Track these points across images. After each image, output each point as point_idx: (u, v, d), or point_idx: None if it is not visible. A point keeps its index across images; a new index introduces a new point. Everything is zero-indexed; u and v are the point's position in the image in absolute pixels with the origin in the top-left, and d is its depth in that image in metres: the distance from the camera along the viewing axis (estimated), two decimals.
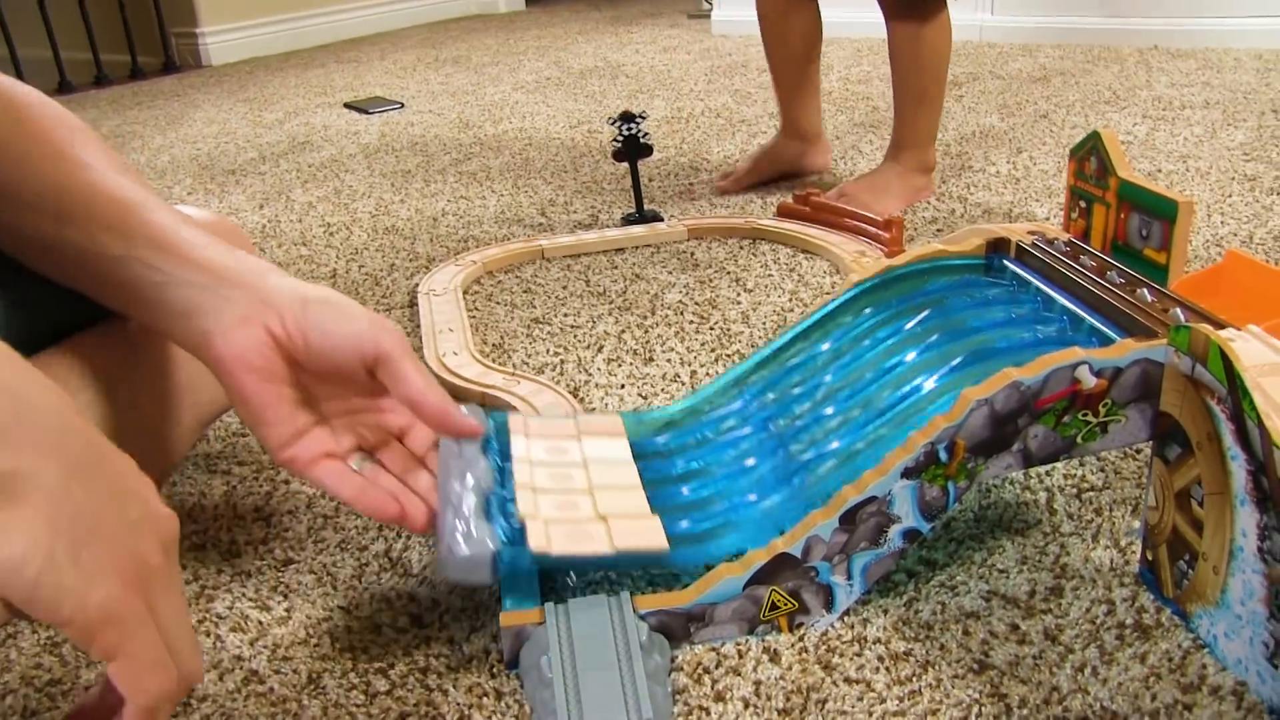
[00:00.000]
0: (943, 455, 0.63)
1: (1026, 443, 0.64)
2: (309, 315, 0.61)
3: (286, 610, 0.72)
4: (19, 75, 1.84)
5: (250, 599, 0.73)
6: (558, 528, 0.65)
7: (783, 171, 1.69)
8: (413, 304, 1.26)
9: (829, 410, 0.76)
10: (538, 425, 0.77)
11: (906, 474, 0.63)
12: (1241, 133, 1.77)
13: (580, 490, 0.70)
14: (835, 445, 0.74)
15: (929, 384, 0.73)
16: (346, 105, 2.60)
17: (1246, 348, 0.60)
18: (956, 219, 1.44)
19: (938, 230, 1.40)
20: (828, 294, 0.83)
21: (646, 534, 0.66)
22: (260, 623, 0.71)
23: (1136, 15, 2.67)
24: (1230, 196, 1.46)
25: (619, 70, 2.82)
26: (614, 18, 3.95)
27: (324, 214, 1.69)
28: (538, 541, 0.63)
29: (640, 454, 0.79)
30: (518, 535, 0.65)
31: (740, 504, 0.73)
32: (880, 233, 1.28)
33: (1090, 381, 0.63)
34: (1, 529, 0.37)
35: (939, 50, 1.47)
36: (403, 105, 2.54)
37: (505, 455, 0.74)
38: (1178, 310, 0.67)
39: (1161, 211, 0.74)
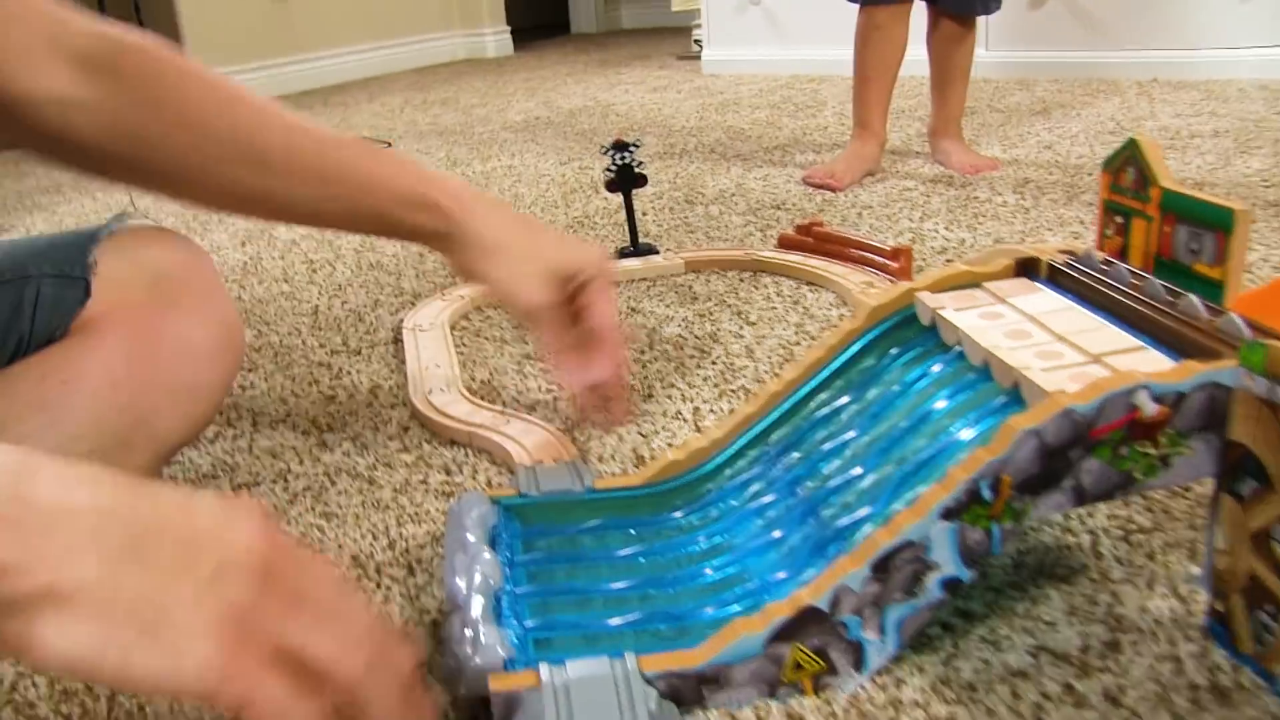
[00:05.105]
0: (986, 494, 0.55)
1: (1079, 478, 0.57)
2: None
3: None
4: None
5: None
6: (1060, 374, 0.60)
7: (869, 170, 1.81)
8: (397, 340, 1.18)
9: (859, 470, 0.68)
10: (951, 299, 0.72)
11: (946, 515, 0.55)
12: (1258, 160, 1.71)
13: (1051, 340, 0.65)
14: (869, 510, 0.64)
15: (967, 432, 0.64)
16: None
17: None
18: (966, 249, 1.37)
19: (947, 260, 1.33)
20: (835, 325, 0.75)
21: (1156, 363, 0.61)
22: None
23: (1133, 48, 2.62)
24: (1254, 223, 1.40)
25: (609, 109, 2.77)
26: (602, 61, 3.92)
27: (307, 251, 1.62)
28: (1057, 388, 0.57)
29: (654, 530, 0.72)
30: (528, 639, 0.61)
31: (771, 583, 0.65)
32: (888, 263, 1.20)
33: (1150, 409, 0.56)
34: (61, 635, 0.36)
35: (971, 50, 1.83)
36: (390, 145, 2.48)
37: (514, 547, 0.70)
38: (1241, 326, 0.60)
39: (1215, 222, 0.67)
